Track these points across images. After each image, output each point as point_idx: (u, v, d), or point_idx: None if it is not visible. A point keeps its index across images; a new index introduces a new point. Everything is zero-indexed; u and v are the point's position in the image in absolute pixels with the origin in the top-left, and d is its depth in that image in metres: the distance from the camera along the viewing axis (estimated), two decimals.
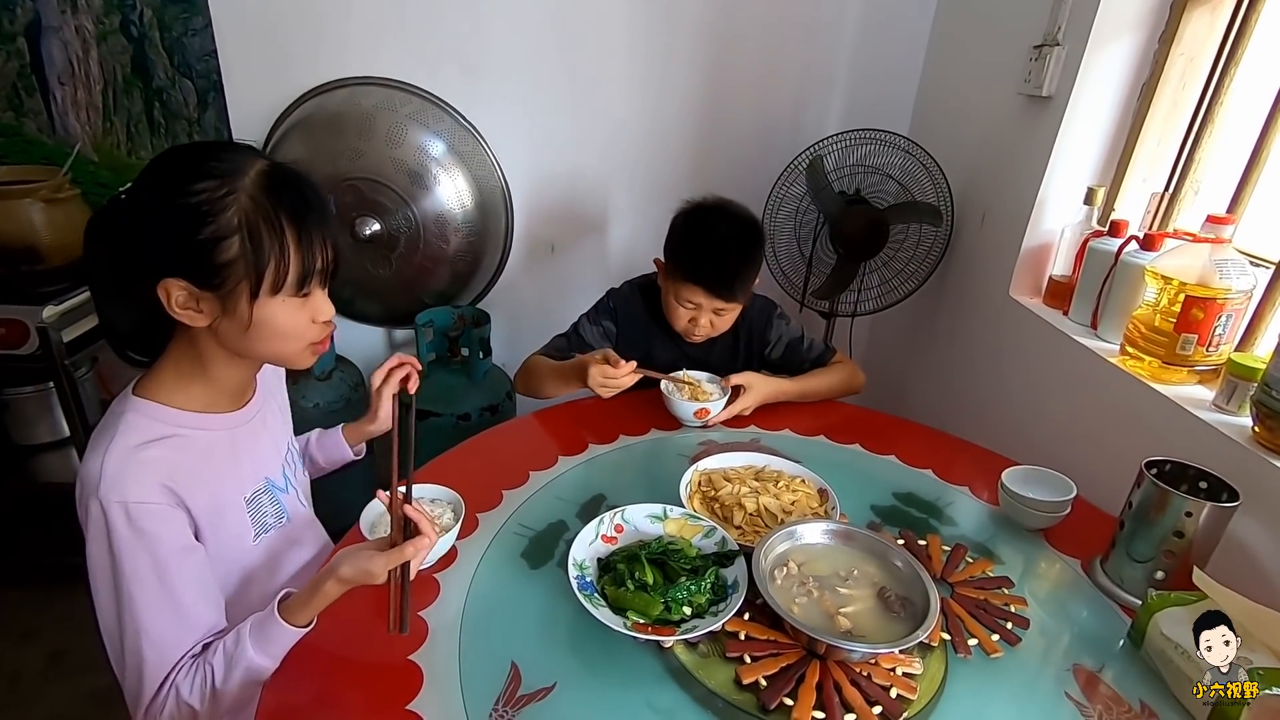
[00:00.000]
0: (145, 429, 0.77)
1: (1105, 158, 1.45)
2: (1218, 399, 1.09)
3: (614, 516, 0.95)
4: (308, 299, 0.79)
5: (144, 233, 0.72)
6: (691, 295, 1.32)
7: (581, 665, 0.80)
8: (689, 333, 1.39)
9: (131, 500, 0.73)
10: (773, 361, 1.49)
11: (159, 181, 0.72)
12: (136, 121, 1.93)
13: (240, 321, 0.75)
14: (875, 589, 0.85)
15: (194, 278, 0.72)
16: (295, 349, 0.81)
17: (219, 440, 0.83)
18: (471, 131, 1.98)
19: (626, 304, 1.48)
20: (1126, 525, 0.95)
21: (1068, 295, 1.44)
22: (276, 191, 0.73)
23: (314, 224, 0.75)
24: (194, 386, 0.81)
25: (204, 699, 0.75)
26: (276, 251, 0.73)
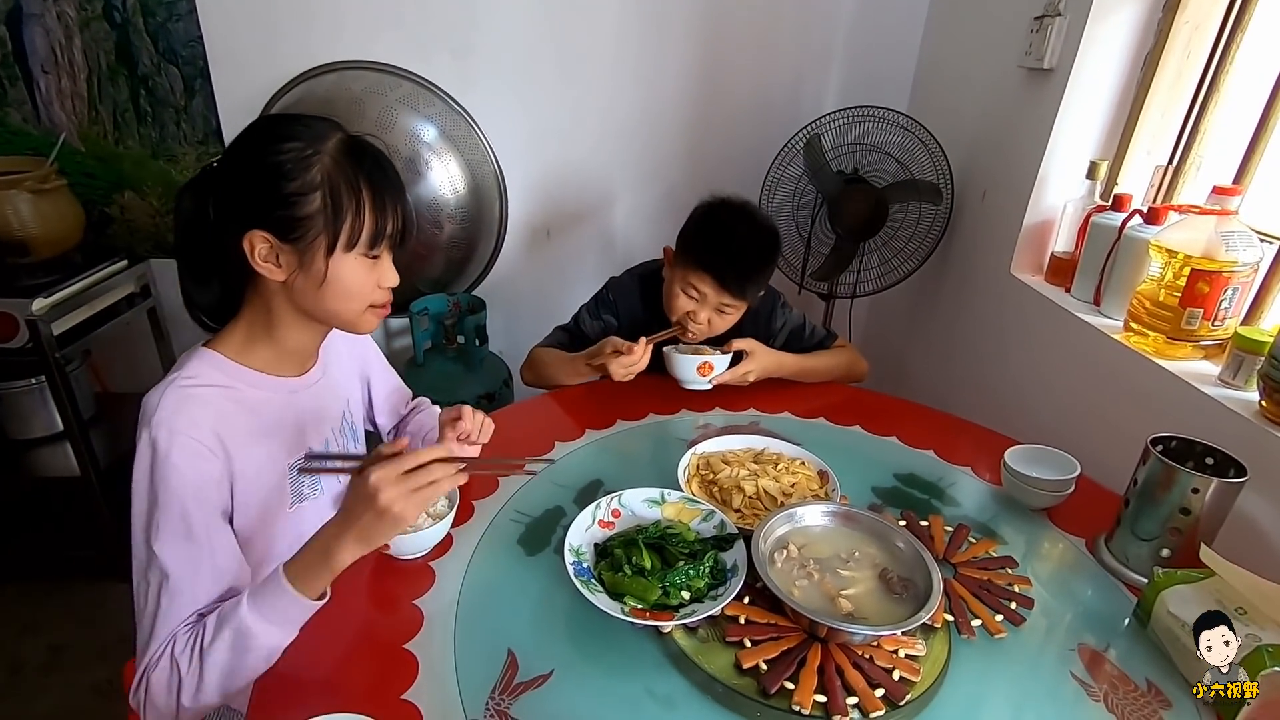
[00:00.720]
0: (207, 375, 0.81)
1: (1108, 131, 1.42)
2: (1224, 374, 1.07)
3: (611, 501, 0.93)
4: (376, 263, 0.83)
5: (234, 188, 0.78)
6: (700, 283, 1.29)
7: (579, 652, 0.79)
8: (685, 326, 1.34)
9: (179, 429, 0.75)
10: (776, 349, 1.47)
11: (250, 143, 0.78)
12: (123, 110, 1.90)
13: (315, 276, 0.79)
14: (877, 571, 0.83)
15: (277, 230, 0.77)
16: (358, 309, 0.85)
17: (274, 401, 0.86)
18: (463, 115, 1.95)
19: (625, 295, 1.46)
20: (1132, 503, 0.94)
21: (1070, 272, 1.42)
22: (356, 157, 0.79)
23: (388, 189, 0.80)
24: (260, 347, 0.85)
25: (191, 657, 0.73)
26: (354, 209, 0.78)
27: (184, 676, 0.73)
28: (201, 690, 0.73)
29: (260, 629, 0.73)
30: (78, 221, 1.83)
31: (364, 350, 1.11)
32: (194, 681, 0.73)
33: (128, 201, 2.02)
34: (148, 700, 0.75)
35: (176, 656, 0.74)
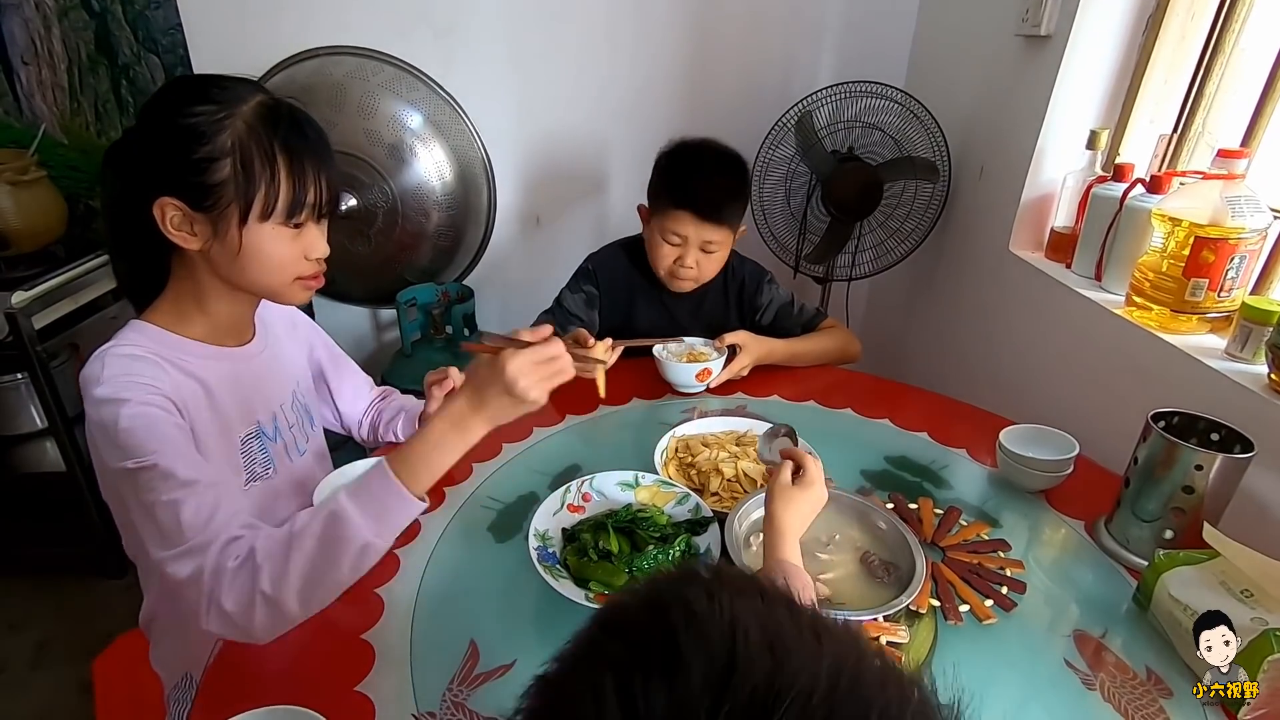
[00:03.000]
0: (144, 345, 0.77)
1: (1109, 98, 1.37)
2: (1230, 346, 1.02)
3: (582, 485, 0.89)
4: (300, 232, 0.79)
5: (144, 153, 0.74)
6: (678, 225, 1.26)
7: (544, 642, 0.75)
8: (675, 275, 1.32)
9: (139, 381, 0.72)
10: (763, 327, 1.44)
11: (161, 104, 0.75)
12: (104, 101, 1.88)
13: (230, 246, 0.75)
14: (858, 554, 0.79)
15: (187, 197, 0.73)
16: (283, 281, 0.81)
17: (216, 369, 0.82)
18: (448, 100, 1.91)
19: (607, 265, 1.43)
20: (1132, 483, 0.89)
21: (1070, 247, 1.36)
22: (272, 121, 0.74)
23: (307, 156, 0.76)
24: (193, 317, 0.82)
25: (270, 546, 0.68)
26: (267, 177, 0.73)
27: (261, 564, 0.67)
28: (284, 583, 0.67)
29: (355, 516, 0.69)
30: (60, 214, 1.81)
31: (309, 336, 1.07)
32: (277, 568, 0.67)
33: None
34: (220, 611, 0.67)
35: (256, 547, 0.69)
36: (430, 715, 0.67)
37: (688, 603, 0.31)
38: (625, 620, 0.33)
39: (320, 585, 0.70)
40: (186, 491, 0.70)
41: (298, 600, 0.69)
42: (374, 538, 0.70)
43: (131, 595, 1.87)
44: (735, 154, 1.32)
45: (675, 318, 1.41)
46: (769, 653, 0.28)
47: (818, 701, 0.27)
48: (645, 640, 0.30)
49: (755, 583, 0.34)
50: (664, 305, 1.41)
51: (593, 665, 0.31)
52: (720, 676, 0.28)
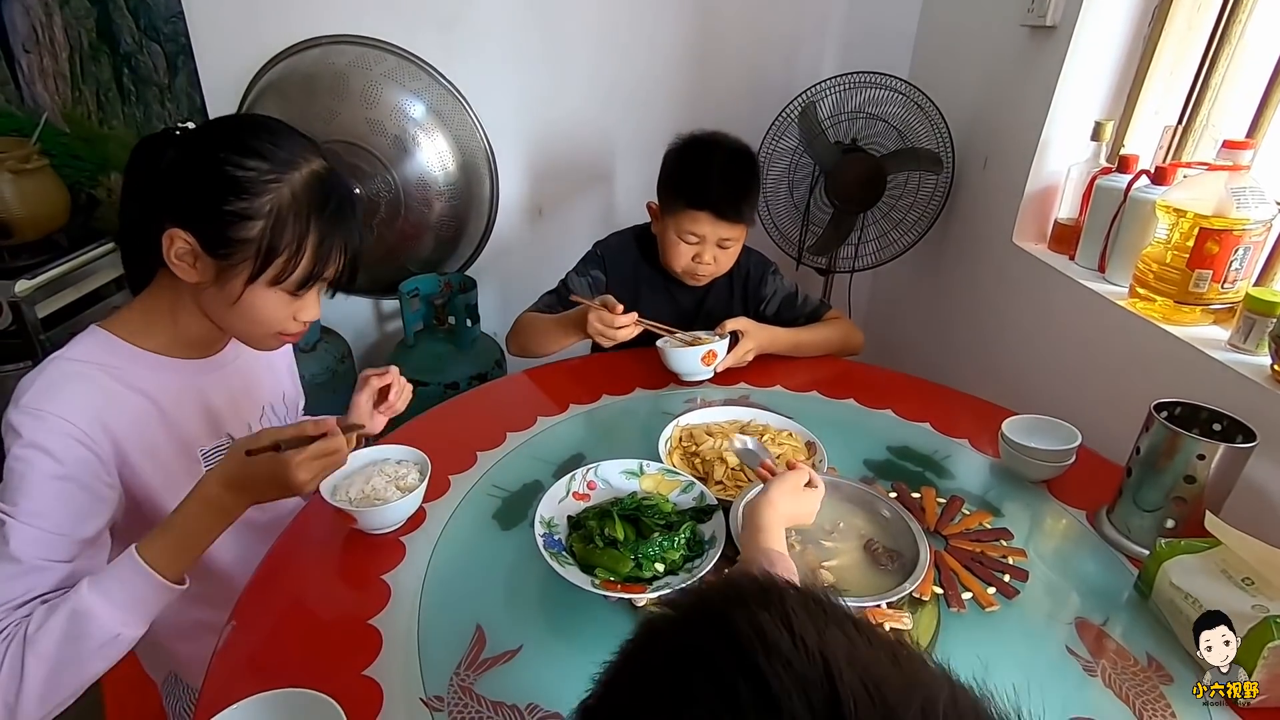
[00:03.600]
0: (94, 355, 0.75)
1: (1114, 90, 1.36)
2: (1234, 338, 1.02)
3: (587, 473, 0.90)
4: (300, 297, 0.78)
5: (180, 177, 0.72)
6: (694, 225, 1.25)
7: (550, 628, 0.76)
8: (692, 273, 1.31)
9: (51, 412, 0.68)
10: (767, 318, 1.44)
11: (218, 139, 0.73)
12: (106, 89, 1.87)
13: (228, 296, 0.74)
14: (862, 542, 0.79)
15: (204, 239, 0.72)
16: (263, 334, 0.80)
17: (172, 384, 0.81)
18: (451, 90, 1.90)
19: (615, 253, 1.42)
20: (1134, 472, 0.89)
21: (1074, 239, 1.36)
22: (319, 199, 0.74)
23: (339, 236, 0.76)
24: (157, 329, 0.80)
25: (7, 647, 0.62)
26: (292, 249, 0.73)
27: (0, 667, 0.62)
28: (21, 693, 0.62)
29: (100, 610, 0.63)
30: (62, 203, 1.81)
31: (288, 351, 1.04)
32: (10, 679, 0.61)
33: (115, 184, 1.98)
34: None
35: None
36: (438, 699, 0.68)
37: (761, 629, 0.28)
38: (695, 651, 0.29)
39: (64, 686, 0.64)
40: (9, 570, 0.65)
41: (38, 707, 0.63)
42: (123, 628, 0.65)
43: None
44: (747, 148, 1.30)
45: (681, 308, 1.40)
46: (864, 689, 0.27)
47: None
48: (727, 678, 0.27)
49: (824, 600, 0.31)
50: (670, 295, 1.40)
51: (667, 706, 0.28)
52: None
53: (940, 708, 0.27)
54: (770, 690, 0.27)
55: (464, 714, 0.66)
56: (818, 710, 0.26)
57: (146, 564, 0.67)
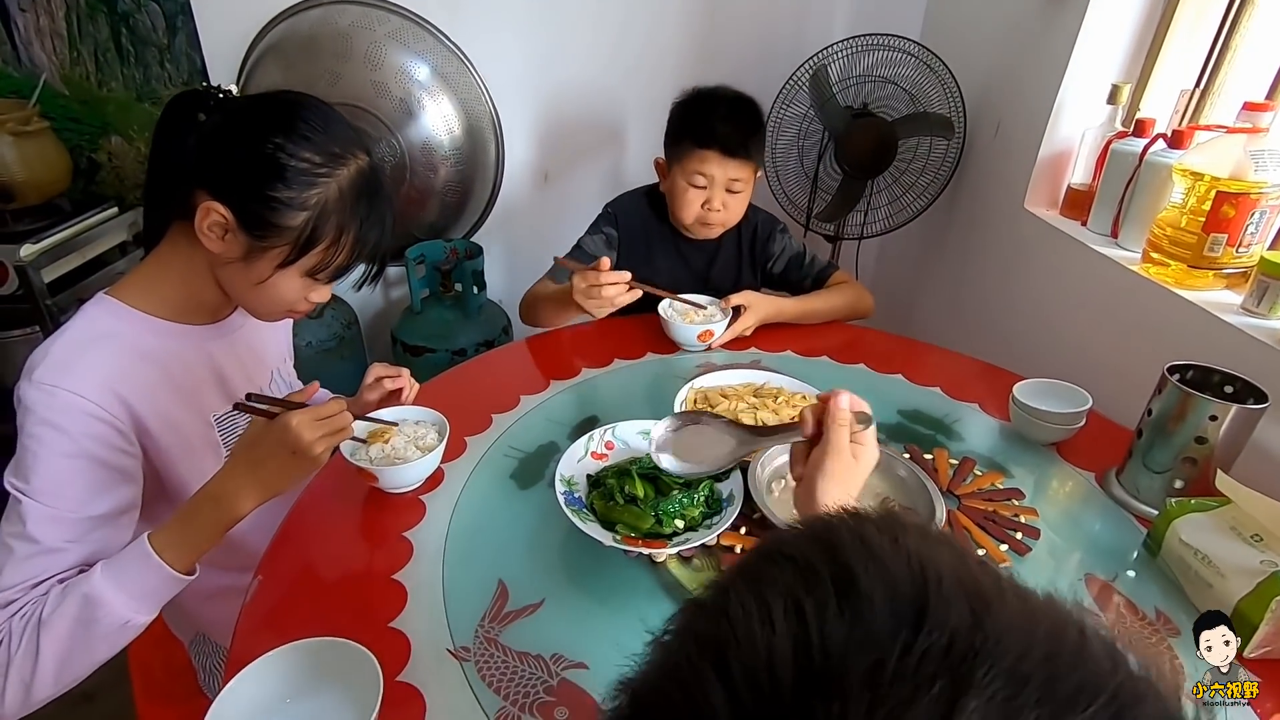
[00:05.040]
0: (103, 324, 0.74)
1: (1131, 52, 1.34)
2: (1247, 302, 1.02)
3: (604, 434, 0.91)
4: (319, 282, 0.79)
5: (225, 150, 0.71)
6: (703, 166, 1.26)
7: (571, 583, 0.78)
8: (703, 221, 1.32)
9: (63, 387, 0.67)
10: (774, 276, 1.45)
11: (271, 120, 0.71)
12: (104, 50, 1.84)
13: (255, 275, 0.74)
14: (878, 500, 0.81)
15: (243, 218, 0.71)
16: (272, 311, 0.81)
17: (182, 350, 0.80)
18: (456, 53, 1.87)
19: (627, 211, 1.42)
20: (1145, 434, 0.90)
21: (1086, 204, 1.36)
22: (365, 196, 0.75)
23: (375, 236, 0.77)
24: (167, 292, 0.78)
25: (25, 628, 0.64)
26: (330, 243, 0.74)
27: (13, 656, 0.64)
28: (33, 672, 0.64)
29: (112, 597, 0.65)
30: (64, 166, 1.79)
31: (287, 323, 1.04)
32: (25, 660, 0.64)
33: (115, 147, 1.96)
34: None
35: (10, 633, 0.64)
36: (465, 649, 0.69)
37: (863, 537, 0.27)
38: (790, 549, 0.28)
39: (76, 665, 0.66)
40: (26, 549, 0.66)
41: (52, 685, 0.65)
42: (134, 615, 0.66)
43: None
44: (749, 96, 1.33)
45: (691, 268, 1.41)
46: (965, 601, 0.24)
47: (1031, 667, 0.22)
48: (815, 567, 0.26)
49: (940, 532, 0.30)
50: (680, 255, 1.41)
51: (755, 588, 0.26)
52: (909, 615, 0.24)
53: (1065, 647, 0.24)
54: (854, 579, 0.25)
55: (490, 663, 0.68)
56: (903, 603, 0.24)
57: (157, 554, 0.67)
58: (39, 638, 0.64)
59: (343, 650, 0.62)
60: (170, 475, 0.80)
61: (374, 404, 0.97)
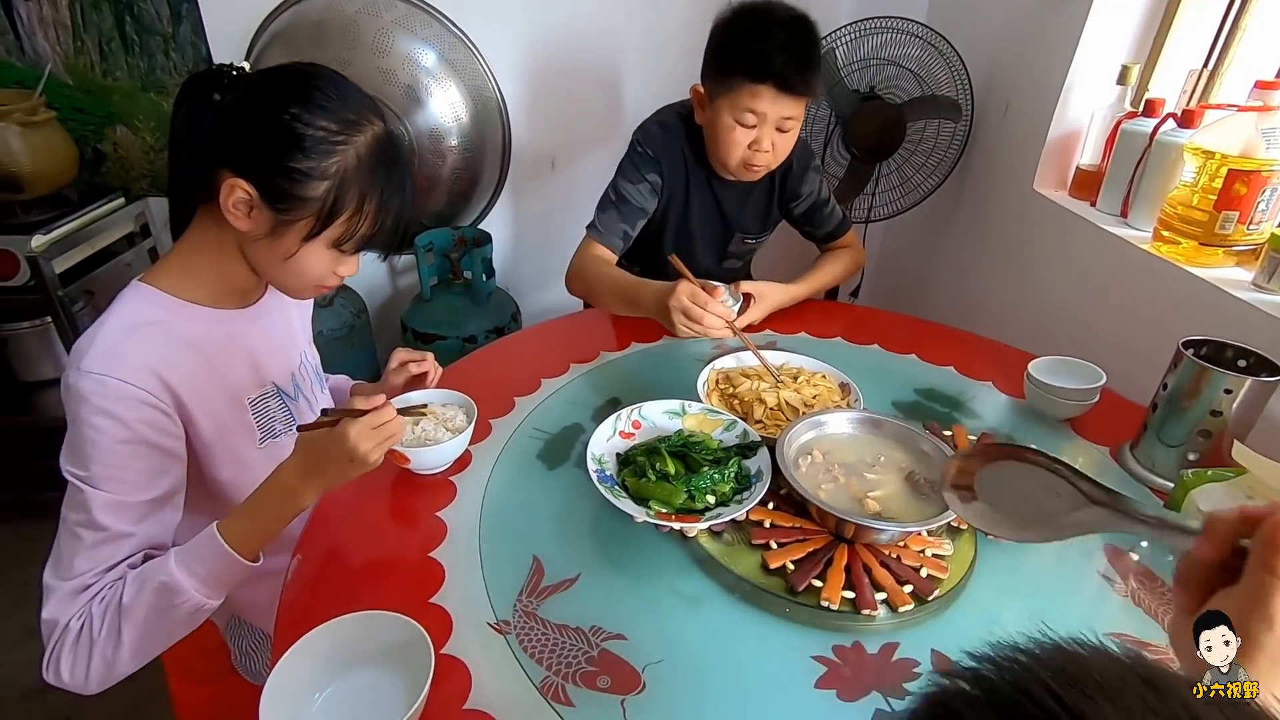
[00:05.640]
0: (142, 312, 0.75)
1: (1140, 32, 1.35)
2: (1257, 278, 1.04)
3: (631, 413, 0.92)
4: (346, 255, 0.78)
5: (243, 126, 0.71)
6: (754, 102, 1.12)
7: (604, 558, 0.79)
8: (748, 164, 1.19)
9: (112, 376, 0.69)
10: (793, 217, 1.39)
11: (285, 91, 0.71)
12: (109, 39, 1.82)
13: (282, 249, 0.74)
14: (902, 474, 0.82)
15: (265, 192, 0.71)
16: (303, 286, 0.81)
17: (218, 334, 0.81)
18: (462, 39, 1.87)
19: (666, 150, 1.28)
20: (1160, 408, 0.92)
21: (1095, 185, 1.37)
22: (382, 161, 0.74)
23: (396, 203, 0.76)
24: (200, 277, 0.79)
25: (106, 614, 0.68)
26: (354, 211, 0.73)
27: (97, 640, 0.68)
28: (117, 653, 0.68)
29: (188, 584, 0.69)
30: (70, 157, 1.78)
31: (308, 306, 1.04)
32: (108, 643, 0.68)
33: (120, 137, 1.95)
34: (56, 673, 0.69)
35: (91, 617, 0.68)
36: (505, 623, 0.71)
37: None
38: None
39: (155, 646, 0.71)
40: (94, 536, 0.69)
41: (131, 663, 0.70)
42: (207, 599, 0.71)
43: None
44: (804, 13, 1.15)
45: (725, 209, 1.33)
46: None
47: None
48: None
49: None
50: (714, 196, 1.32)
51: None
52: None
53: None
54: None
55: (531, 636, 0.70)
56: None
57: (227, 544, 0.70)
58: (120, 622, 0.68)
59: (392, 623, 0.64)
60: (207, 457, 0.81)
61: (399, 388, 0.99)
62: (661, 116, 1.32)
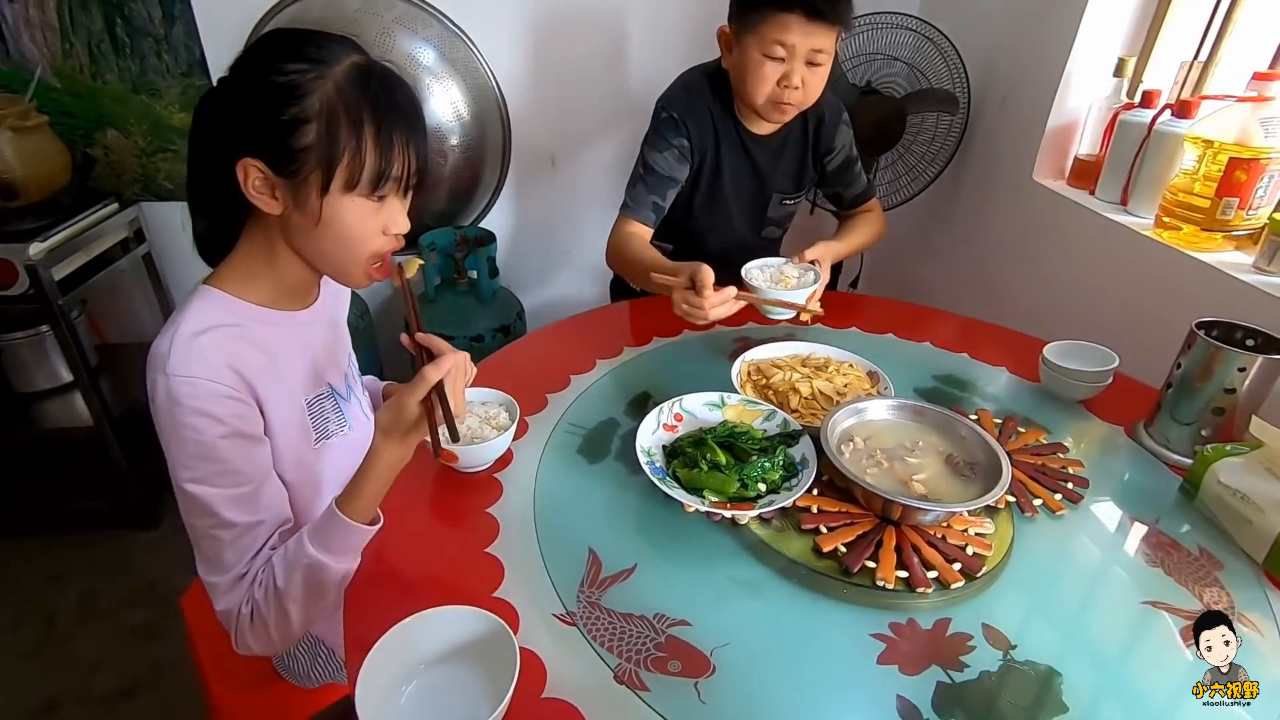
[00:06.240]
0: (212, 315, 0.76)
1: (1135, 25, 1.40)
2: (1258, 261, 1.09)
3: (673, 406, 0.94)
4: (382, 205, 0.75)
5: (231, 108, 0.72)
6: (783, 33, 1.09)
7: (656, 549, 0.81)
8: (777, 102, 1.16)
9: (200, 376, 0.71)
10: (827, 174, 1.38)
11: (253, 59, 0.72)
12: (98, 41, 1.79)
13: (310, 215, 0.73)
14: (942, 457, 0.85)
15: (271, 160, 0.70)
16: (356, 257, 0.77)
17: (281, 336, 0.82)
18: (461, 37, 1.86)
19: (691, 112, 1.27)
20: (1174, 387, 0.96)
21: (1094, 174, 1.42)
22: (363, 85, 0.70)
23: (397, 125, 0.71)
24: (260, 280, 0.80)
25: (268, 600, 0.74)
26: (353, 146, 0.70)
27: (269, 619, 0.75)
28: (290, 625, 0.75)
29: (331, 562, 0.73)
30: (63, 162, 1.75)
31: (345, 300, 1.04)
32: (279, 619, 0.75)
33: (111, 141, 1.92)
34: (246, 646, 0.77)
35: (257, 602, 0.75)
36: (570, 615, 0.72)
37: None
38: None
39: (319, 610, 0.76)
40: (229, 533, 0.74)
41: (305, 627, 0.77)
42: (348, 566, 0.76)
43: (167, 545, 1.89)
44: None
45: (758, 168, 1.30)
46: None
47: None
48: None
49: None
50: (745, 151, 1.30)
51: None
52: None
53: None
54: None
55: (597, 625, 0.71)
56: None
57: (349, 519, 0.74)
58: (283, 603, 0.74)
59: (471, 617, 0.65)
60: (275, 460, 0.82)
61: None
62: (686, 78, 1.30)
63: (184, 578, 1.78)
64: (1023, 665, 0.68)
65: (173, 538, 1.93)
